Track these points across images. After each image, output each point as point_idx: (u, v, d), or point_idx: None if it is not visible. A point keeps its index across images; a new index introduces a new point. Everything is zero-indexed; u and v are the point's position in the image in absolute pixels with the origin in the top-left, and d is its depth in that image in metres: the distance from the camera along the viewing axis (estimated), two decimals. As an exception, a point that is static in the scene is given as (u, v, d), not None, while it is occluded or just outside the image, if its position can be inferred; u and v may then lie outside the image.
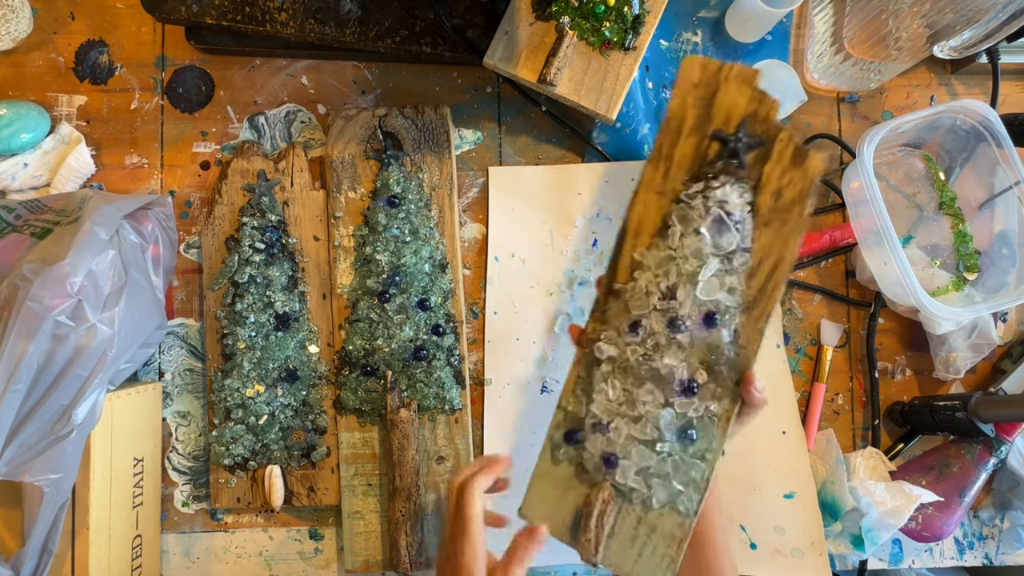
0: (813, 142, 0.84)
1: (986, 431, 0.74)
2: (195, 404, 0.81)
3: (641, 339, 0.57)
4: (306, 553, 0.80)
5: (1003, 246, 0.79)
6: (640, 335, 0.57)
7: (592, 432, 0.58)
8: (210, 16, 0.76)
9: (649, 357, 0.57)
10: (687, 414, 0.57)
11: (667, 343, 0.57)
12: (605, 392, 0.58)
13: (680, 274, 0.57)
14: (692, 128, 0.58)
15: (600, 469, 0.58)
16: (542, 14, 0.75)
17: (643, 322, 0.57)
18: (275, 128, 0.84)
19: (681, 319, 0.56)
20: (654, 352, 0.57)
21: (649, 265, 0.58)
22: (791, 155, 0.56)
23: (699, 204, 0.57)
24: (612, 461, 0.57)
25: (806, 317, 0.83)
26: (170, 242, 0.78)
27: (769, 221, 0.57)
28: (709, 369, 0.57)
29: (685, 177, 0.58)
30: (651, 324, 0.57)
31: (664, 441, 0.57)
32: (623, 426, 0.58)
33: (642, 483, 0.57)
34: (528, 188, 0.83)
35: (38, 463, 0.59)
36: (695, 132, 0.58)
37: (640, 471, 0.57)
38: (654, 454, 0.57)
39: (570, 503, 0.59)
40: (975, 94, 0.87)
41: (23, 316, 0.57)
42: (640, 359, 0.57)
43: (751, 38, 0.84)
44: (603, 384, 0.58)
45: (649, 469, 0.57)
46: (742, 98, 0.57)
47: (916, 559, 0.81)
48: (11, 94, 0.82)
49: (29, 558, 0.60)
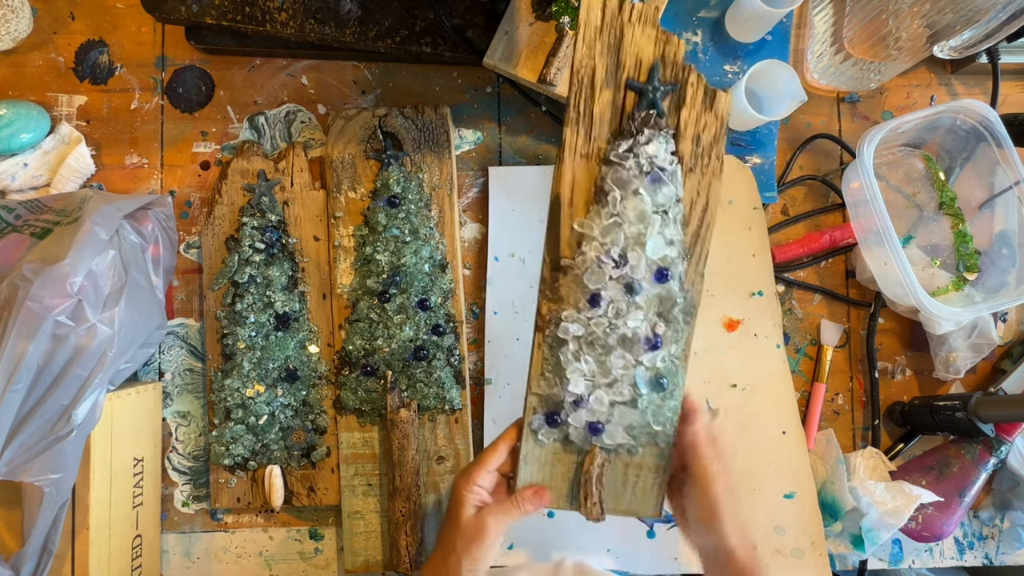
0: (813, 142, 0.84)
1: (986, 431, 0.74)
2: (195, 404, 0.81)
3: (604, 311, 0.57)
4: (306, 553, 0.80)
5: (1003, 246, 0.79)
6: (602, 307, 0.57)
7: (574, 409, 0.59)
8: (210, 16, 0.76)
9: (613, 326, 0.58)
10: (655, 365, 0.58)
11: (627, 307, 0.57)
12: (580, 370, 0.59)
13: (627, 238, 0.57)
14: (604, 80, 0.56)
15: (587, 438, 0.59)
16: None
17: (602, 294, 0.57)
18: (275, 128, 0.84)
19: (637, 282, 0.57)
20: (616, 319, 0.58)
21: (595, 235, 0.58)
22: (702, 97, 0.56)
23: (632, 163, 0.56)
24: (598, 428, 0.59)
25: (806, 317, 0.83)
26: (170, 242, 0.78)
27: (693, 167, 0.57)
28: (665, 319, 0.58)
29: (608, 135, 0.57)
30: (610, 294, 0.57)
31: (642, 396, 0.58)
32: (603, 395, 0.59)
33: (628, 437, 0.59)
34: (528, 188, 0.83)
35: (38, 463, 0.59)
36: (608, 84, 0.56)
37: (625, 428, 0.59)
38: (635, 410, 0.59)
39: (561, 475, 0.60)
40: (975, 94, 0.87)
41: (23, 316, 0.57)
42: (607, 330, 0.58)
43: (751, 38, 0.84)
44: (576, 363, 0.59)
45: (632, 424, 0.59)
46: (648, 41, 0.56)
47: (916, 559, 0.81)
48: (11, 94, 0.82)
49: (29, 558, 0.60)
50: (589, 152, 0.57)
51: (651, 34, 0.56)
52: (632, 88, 0.56)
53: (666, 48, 0.56)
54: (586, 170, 0.58)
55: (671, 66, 0.56)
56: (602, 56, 0.56)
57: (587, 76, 0.56)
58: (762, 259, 0.81)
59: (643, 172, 0.56)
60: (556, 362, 0.59)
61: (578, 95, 0.57)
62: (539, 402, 0.60)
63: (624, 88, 0.56)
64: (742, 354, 0.80)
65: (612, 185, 0.57)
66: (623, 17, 0.56)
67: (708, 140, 0.57)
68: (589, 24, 0.56)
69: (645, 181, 0.56)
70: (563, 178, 0.58)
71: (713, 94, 0.57)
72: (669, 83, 0.56)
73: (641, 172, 0.56)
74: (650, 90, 0.56)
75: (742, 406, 0.79)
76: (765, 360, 0.80)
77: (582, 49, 0.56)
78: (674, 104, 0.57)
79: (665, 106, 0.57)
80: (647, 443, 0.59)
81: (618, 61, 0.56)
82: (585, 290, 0.57)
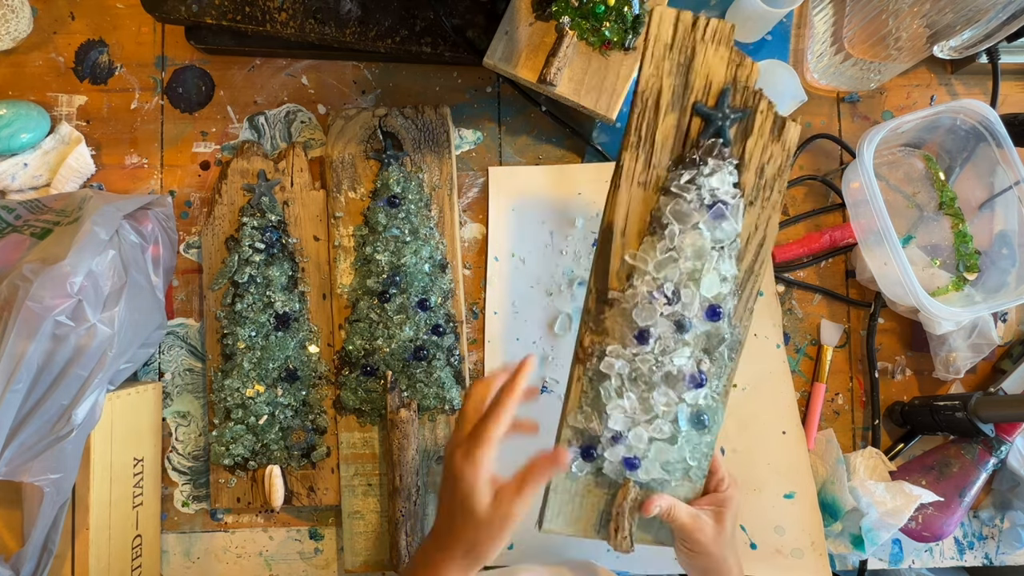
0: (813, 142, 0.84)
1: (986, 431, 0.74)
2: (195, 404, 0.81)
3: (651, 348, 0.55)
4: (306, 553, 0.80)
5: (1003, 246, 0.79)
6: (651, 344, 0.54)
7: (611, 444, 0.57)
8: (210, 16, 0.76)
9: (660, 363, 0.55)
10: (698, 403, 0.56)
11: (675, 344, 0.55)
12: (622, 407, 0.56)
13: (682, 274, 0.54)
14: (671, 103, 0.52)
15: (622, 472, 0.57)
16: (542, 14, 0.75)
17: (651, 330, 0.54)
18: (275, 128, 0.84)
19: (688, 319, 0.54)
20: (663, 355, 0.55)
21: (648, 269, 0.55)
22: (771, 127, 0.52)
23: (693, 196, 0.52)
24: (635, 464, 0.57)
25: (806, 317, 0.83)
26: (170, 242, 0.78)
27: (753, 200, 0.54)
28: (710, 355, 0.56)
29: (668, 162, 0.53)
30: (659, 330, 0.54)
31: (681, 433, 0.57)
32: (643, 432, 0.56)
33: (663, 472, 0.57)
34: (528, 188, 0.83)
35: (38, 463, 0.59)
36: (674, 107, 0.52)
37: (661, 464, 0.57)
38: (673, 447, 0.56)
39: (591, 505, 0.58)
40: (975, 94, 0.86)
41: (23, 316, 0.57)
42: (653, 367, 0.55)
43: (751, 38, 0.84)
44: (618, 399, 0.56)
45: (668, 461, 0.57)
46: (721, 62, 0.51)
47: (916, 559, 0.81)
48: (11, 94, 0.82)
49: (29, 558, 0.60)
50: (647, 180, 0.54)
51: (724, 55, 0.52)
52: (700, 113, 0.52)
53: (739, 71, 0.52)
54: (643, 199, 0.54)
55: (742, 91, 0.52)
56: (670, 76, 0.52)
57: (652, 97, 0.52)
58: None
59: (704, 205, 0.52)
60: (596, 396, 0.57)
61: (641, 117, 0.53)
62: (574, 435, 0.58)
63: (691, 112, 0.52)
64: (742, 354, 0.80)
65: (671, 218, 0.53)
66: (696, 34, 0.51)
67: (772, 172, 0.53)
68: (659, 40, 0.52)
69: (706, 215, 0.52)
70: (618, 206, 0.54)
71: (783, 124, 0.53)
72: (739, 110, 0.52)
73: (702, 205, 0.52)
74: (719, 116, 0.52)
75: (742, 406, 0.79)
76: (765, 360, 0.80)
77: (649, 67, 0.52)
78: (740, 132, 0.53)
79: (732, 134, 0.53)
80: (681, 477, 0.58)
81: (687, 82, 0.52)
82: (633, 326, 0.54)
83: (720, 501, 0.60)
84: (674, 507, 0.57)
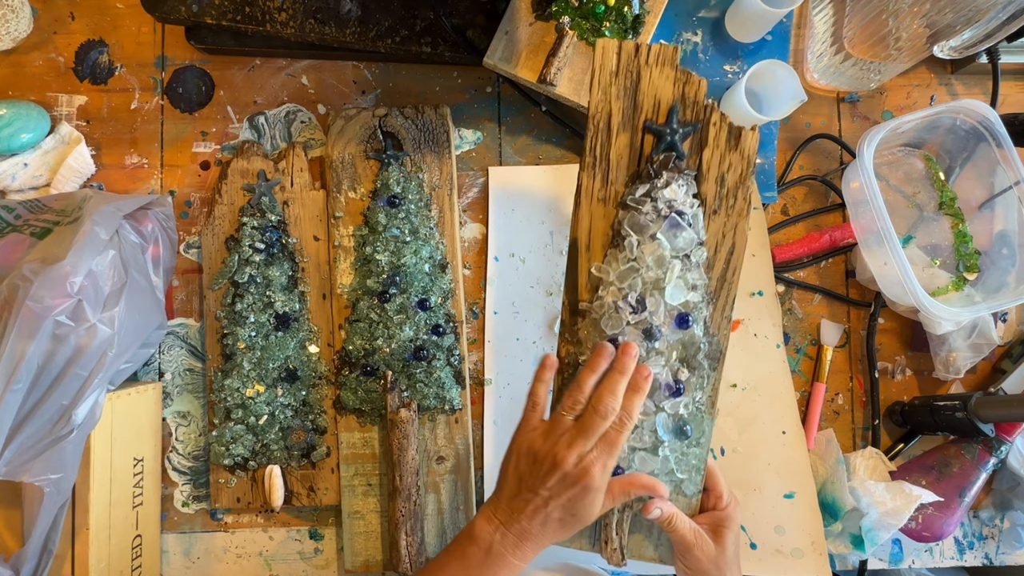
0: (813, 142, 0.84)
1: (986, 431, 0.74)
2: (195, 404, 0.81)
3: None
4: (306, 553, 0.80)
5: (1003, 246, 0.79)
6: None
7: None
8: (210, 16, 0.76)
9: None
10: (679, 412, 0.57)
11: (647, 353, 0.56)
12: None
13: (645, 283, 0.55)
14: (621, 124, 0.55)
15: None
16: (542, 14, 0.75)
17: (619, 339, 0.56)
18: (275, 128, 0.84)
19: (656, 328, 0.55)
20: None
21: (612, 280, 0.56)
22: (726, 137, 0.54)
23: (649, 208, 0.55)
24: (619, 474, 0.57)
25: (806, 317, 0.83)
26: (170, 242, 0.78)
27: (717, 209, 0.55)
28: (688, 364, 0.57)
29: (625, 178, 0.56)
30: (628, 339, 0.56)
31: (663, 443, 0.57)
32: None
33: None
34: (528, 188, 0.83)
35: (38, 463, 0.59)
36: (625, 127, 0.55)
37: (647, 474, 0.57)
38: (656, 457, 0.57)
39: None
40: (975, 94, 0.87)
41: (23, 316, 0.57)
42: None
43: (751, 38, 0.84)
44: None
45: (654, 471, 0.57)
46: (667, 82, 0.54)
47: (916, 559, 0.81)
48: (11, 94, 0.82)
49: (29, 558, 0.60)
50: (606, 196, 0.56)
51: (670, 75, 0.54)
52: (650, 130, 0.55)
53: (686, 88, 0.54)
54: (603, 214, 0.56)
55: (691, 106, 0.54)
56: (618, 100, 0.55)
57: (603, 120, 0.55)
58: (762, 259, 0.81)
59: (661, 216, 0.54)
60: None
61: (594, 139, 0.55)
62: None
63: (642, 131, 0.55)
64: (742, 354, 0.80)
65: (629, 230, 0.55)
66: (640, 59, 0.54)
67: (733, 180, 0.55)
68: (604, 68, 0.54)
69: (663, 225, 0.54)
70: (580, 222, 0.57)
71: (739, 133, 0.54)
72: (689, 124, 0.54)
73: (659, 216, 0.54)
74: (668, 132, 0.54)
75: (742, 406, 0.79)
76: (765, 360, 0.80)
77: (597, 93, 0.54)
78: (696, 145, 0.55)
79: (686, 147, 0.55)
80: (673, 491, 0.57)
81: (635, 104, 0.55)
82: (603, 335, 0.56)
83: (719, 520, 0.59)
84: (676, 517, 0.56)
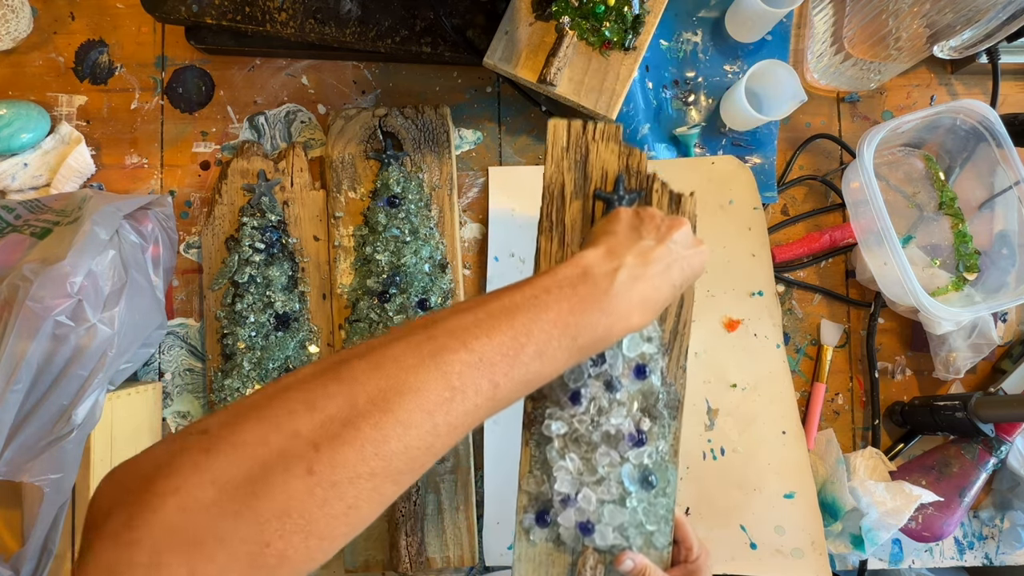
0: (813, 142, 0.84)
1: (986, 431, 0.74)
2: (195, 404, 0.81)
3: (585, 408, 0.58)
4: (306, 553, 0.80)
5: (1003, 246, 0.79)
6: (584, 404, 0.58)
7: (563, 508, 0.58)
8: (210, 16, 0.76)
9: (596, 423, 0.58)
10: (643, 462, 0.59)
11: (609, 404, 0.58)
12: (566, 468, 0.58)
13: None
14: (573, 192, 0.60)
15: (578, 538, 0.58)
16: (542, 14, 0.75)
17: (582, 391, 0.58)
18: (275, 128, 0.84)
19: (615, 379, 0.58)
20: (599, 416, 0.58)
21: None
22: (667, 201, 0.59)
23: None
24: (588, 528, 0.58)
25: (806, 317, 0.83)
26: (170, 242, 0.78)
27: None
28: (649, 414, 0.59)
29: (579, 240, 0.60)
30: (590, 391, 0.58)
31: (630, 494, 0.58)
32: (591, 493, 0.58)
33: (620, 537, 0.58)
34: (528, 188, 0.83)
35: (38, 463, 0.59)
36: (578, 195, 0.60)
37: (616, 528, 0.58)
38: (625, 509, 0.58)
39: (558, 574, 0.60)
40: (975, 94, 0.87)
41: (23, 316, 0.57)
42: (589, 427, 0.58)
43: (751, 38, 0.84)
44: (561, 461, 0.58)
45: (623, 524, 0.58)
46: (612, 155, 0.60)
47: (916, 559, 0.81)
48: (11, 94, 0.82)
49: (29, 558, 0.60)
50: (564, 256, 0.60)
51: (614, 149, 0.60)
52: (599, 197, 0.60)
53: (629, 160, 0.60)
54: None
55: (635, 175, 0.60)
56: (570, 171, 0.60)
57: (557, 189, 0.60)
58: (762, 259, 0.81)
59: None
60: (543, 460, 0.59)
61: (550, 206, 0.60)
62: (529, 500, 0.60)
63: (592, 198, 0.60)
64: (742, 354, 0.80)
65: None
66: (587, 136, 0.60)
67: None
68: (556, 144, 0.60)
69: None
70: None
71: (679, 198, 0.59)
72: (634, 191, 0.59)
73: None
74: (616, 199, 0.59)
75: (742, 406, 0.79)
76: (765, 360, 0.80)
77: (551, 166, 0.60)
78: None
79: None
80: (643, 544, 0.59)
81: (585, 174, 0.60)
82: (566, 388, 0.58)
83: (691, 572, 0.59)
84: (648, 569, 0.56)
